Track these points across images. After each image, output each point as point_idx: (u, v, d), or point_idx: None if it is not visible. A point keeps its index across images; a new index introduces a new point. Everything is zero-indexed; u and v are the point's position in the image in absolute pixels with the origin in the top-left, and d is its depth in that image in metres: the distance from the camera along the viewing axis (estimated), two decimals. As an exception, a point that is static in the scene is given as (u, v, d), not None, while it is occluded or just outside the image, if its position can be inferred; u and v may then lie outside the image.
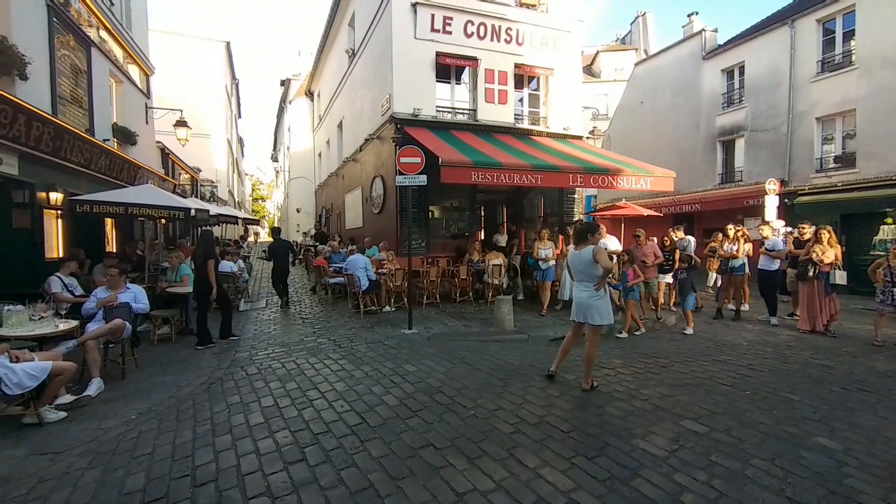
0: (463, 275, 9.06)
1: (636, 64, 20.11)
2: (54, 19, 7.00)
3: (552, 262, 8.16)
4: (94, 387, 4.39)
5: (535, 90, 11.83)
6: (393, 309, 8.49)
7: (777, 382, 4.57)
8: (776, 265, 7.58)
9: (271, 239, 13.05)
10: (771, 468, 2.90)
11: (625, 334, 6.62)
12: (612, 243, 8.32)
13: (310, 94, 24.25)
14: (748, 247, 8.04)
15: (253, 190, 57.84)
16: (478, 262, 9.30)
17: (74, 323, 4.83)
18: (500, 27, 10.58)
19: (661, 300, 7.95)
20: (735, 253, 7.88)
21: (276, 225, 13.52)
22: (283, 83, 30.77)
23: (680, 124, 16.77)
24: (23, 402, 3.71)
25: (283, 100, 31.25)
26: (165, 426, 3.70)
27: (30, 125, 5.77)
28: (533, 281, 9.02)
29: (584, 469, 2.88)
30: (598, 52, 26.85)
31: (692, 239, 9.21)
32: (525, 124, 11.38)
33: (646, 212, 13.31)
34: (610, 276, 4.54)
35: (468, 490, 2.67)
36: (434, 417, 3.69)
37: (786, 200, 12.44)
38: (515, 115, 11.20)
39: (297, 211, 28.52)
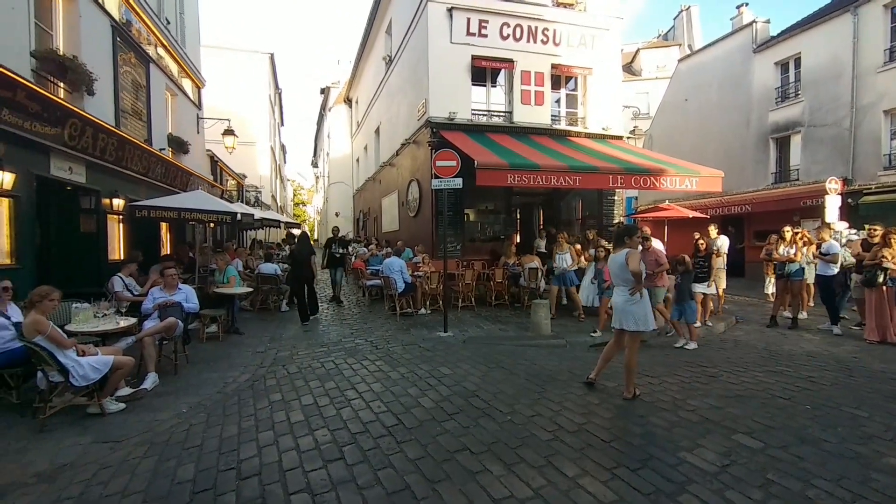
0: (498, 278, 8.98)
1: (680, 60, 19.34)
2: (118, 38, 7.55)
3: (573, 268, 7.90)
4: (150, 381, 4.67)
5: (573, 90, 11.60)
6: (428, 311, 8.53)
7: (841, 397, 4.22)
8: (833, 270, 7.05)
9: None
10: (836, 490, 2.67)
11: (598, 333, 6.47)
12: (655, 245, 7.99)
13: (348, 101, 24.91)
14: (808, 250, 7.51)
15: (294, 195, 59.94)
16: (513, 266, 9.19)
17: (133, 320, 5.15)
18: (536, 28, 10.47)
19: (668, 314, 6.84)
20: (792, 257, 7.36)
21: (304, 230, 13.81)
22: (322, 91, 31.80)
23: (728, 122, 15.95)
24: (88, 394, 3.99)
25: (323, 107, 32.28)
26: (213, 420, 3.88)
27: (96, 137, 6.25)
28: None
29: (626, 481, 2.77)
30: (638, 50, 26.04)
31: (725, 239, 8.73)
32: (562, 125, 11.18)
33: (691, 213, 12.72)
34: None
35: (505, 497, 2.63)
36: (470, 421, 3.67)
37: (849, 200, 11.54)
38: (552, 116, 11.03)
39: (336, 215, 29.28)
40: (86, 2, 6.53)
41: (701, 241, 7.35)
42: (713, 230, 8.85)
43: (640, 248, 6.81)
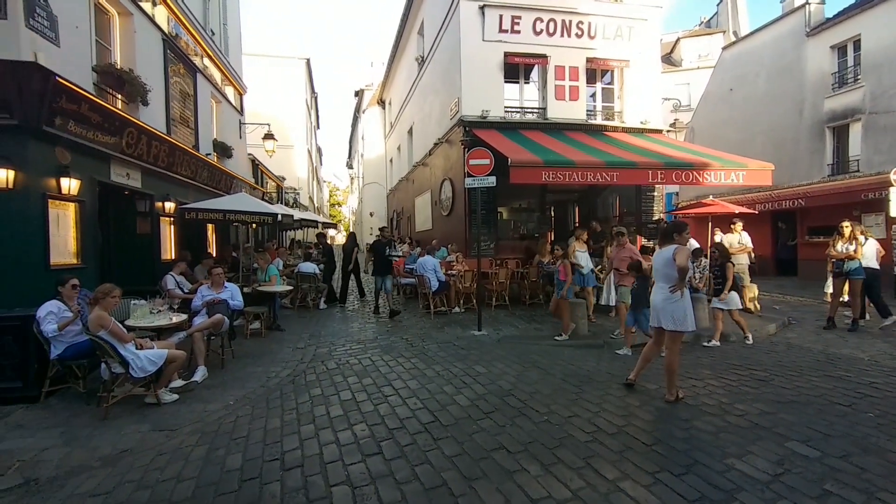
0: (533, 277, 8.88)
1: (724, 48, 18.38)
2: (168, 51, 7.99)
3: (591, 267, 7.64)
4: (200, 374, 4.93)
5: (609, 84, 11.28)
6: (462, 310, 8.55)
7: (910, 405, 3.91)
8: (875, 264, 6.96)
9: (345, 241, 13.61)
10: (904, 504, 2.48)
11: (564, 336, 6.24)
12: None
13: (381, 102, 25.29)
14: (871, 246, 7.01)
15: (330, 196, 61.48)
16: (548, 264, 9.04)
17: (184, 316, 5.46)
18: (570, 22, 10.26)
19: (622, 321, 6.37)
20: (852, 254, 6.86)
21: (351, 230, 15.32)
22: (356, 94, 32.44)
23: (778, 111, 15.03)
24: (145, 384, 4.27)
25: (357, 110, 32.93)
26: (258, 412, 4.05)
27: (150, 144, 6.65)
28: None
29: (669, 486, 2.68)
30: (678, 39, 24.97)
31: (746, 236, 8.27)
32: (598, 120, 10.90)
33: (737, 209, 12.07)
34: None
35: (542, 497, 2.61)
36: (506, 420, 3.65)
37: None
38: (588, 111, 10.77)
39: (371, 215, 29.82)
40: (140, 17, 6.95)
41: (713, 250, 6.67)
42: (738, 226, 8.41)
43: (617, 244, 6.66)
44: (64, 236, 5.05)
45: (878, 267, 7.03)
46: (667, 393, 4.04)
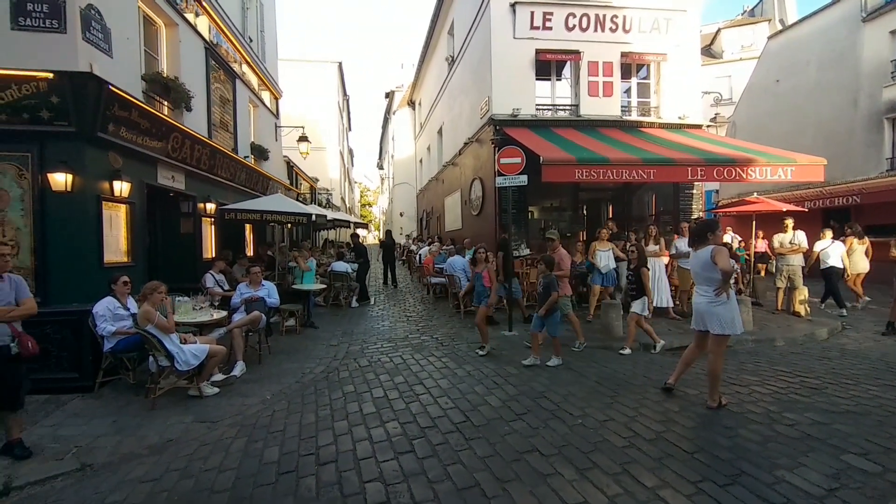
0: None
1: (770, 37, 17.45)
2: (210, 59, 8.34)
3: (612, 266, 7.31)
4: (238, 368, 5.11)
5: (645, 79, 10.93)
6: (492, 310, 8.46)
7: None
8: None
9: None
10: (982, 528, 2.27)
11: (486, 348, 5.65)
12: (682, 244, 7.30)
13: (411, 103, 25.50)
14: None
15: (361, 196, 62.53)
16: (580, 265, 8.85)
17: (224, 313, 5.67)
18: (604, 16, 9.99)
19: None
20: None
21: (387, 229, 16.87)
22: (387, 95, 32.84)
23: (830, 102, 14.14)
24: (188, 378, 4.46)
25: (388, 111, 33.32)
26: (293, 407, 4.16)
27: (193, 148, 6.95)
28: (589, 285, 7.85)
29: (713, 496, 2.56)
30: (719, 30, 23.94)
31: (801, 235, 7.86)
32: (634, 116, 10.58)
33: (784, 206, 11.42)
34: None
35: (578, 502, 2.54)
36: (539, 422, 3.59)
37: None
38: (622, 107, 10.47)
39: (401, 215, 30.14)
40: (184, 28, 7.28)
41: (632, 248, 5.90)
42: (789, 224, 7.95)
43: (549, 248, 6.02)
44: (116, 236, 5.34)
45: None
46: (709, 399, 3.86)
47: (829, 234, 8.12)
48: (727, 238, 9.16)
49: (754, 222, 9.71)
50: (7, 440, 3.34)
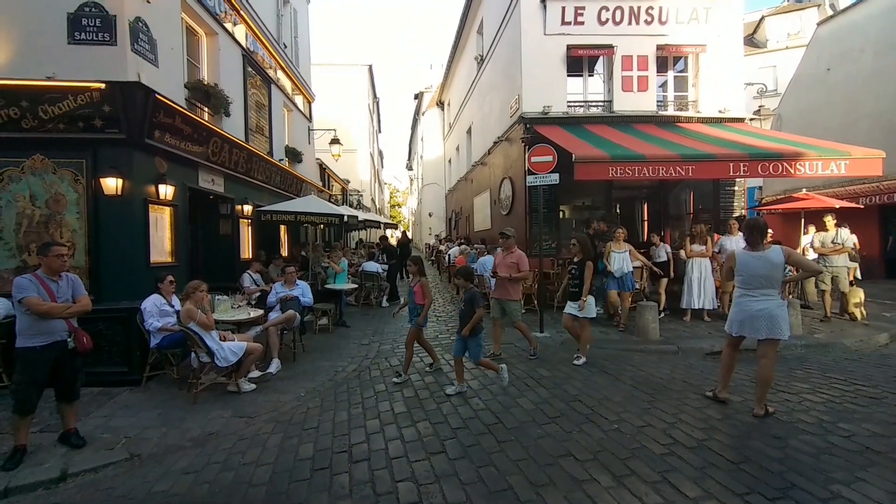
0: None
1: (819, 24, 16.43)
2: (247, 66, 8.64)
3: (627, 270, 6.92)
4: (274, 366, 5.26)
5: (682, 72, 10.50)
6: (523, 311, 8.36)
7: None
8: None
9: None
10: None
11: (403, 377, 4.90)
12: (730, 244, 6.86)
13: (440, 104, 25.57)
14: None
15: (390, 197, 63.26)
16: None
17: (261, 312, 5.85)
18: (638, 8, 9.68)
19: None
20: None
21: (406, 230, 16.67)
22: (416, 97, 33.09)
23: (888, 91, 13.15)
24: (227, 374, 4.63)
25: (417, 112, 33.57)
26: (327, 405, 4.24)
27: (231, 152, 7.21)
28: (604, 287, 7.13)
29: (762, 511, 2.42)
30: (762, 18, 22.72)
31: (846, 233, 7.32)
32: (670, 111, 10.19)
33: (837, 203, 10.72)
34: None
35: (615, 510, 2.46)
36: (573, 426, 3.51)
37: None
38: (658, 101, 10.10)
39: (430, 215, 30.30)
40: (224, 36, 7.57)
41: (573, 242, 5.28)
42: (830, 221, 7.39)
43: (504, 247, 5.57)
44: (161, 237, 5.61)
45: None
46: (755, 406, 3.66)
47: None
48: (807, 238, 8.47)
49: (803, 220, 9.16)
50: (64, 429, 3.56)
